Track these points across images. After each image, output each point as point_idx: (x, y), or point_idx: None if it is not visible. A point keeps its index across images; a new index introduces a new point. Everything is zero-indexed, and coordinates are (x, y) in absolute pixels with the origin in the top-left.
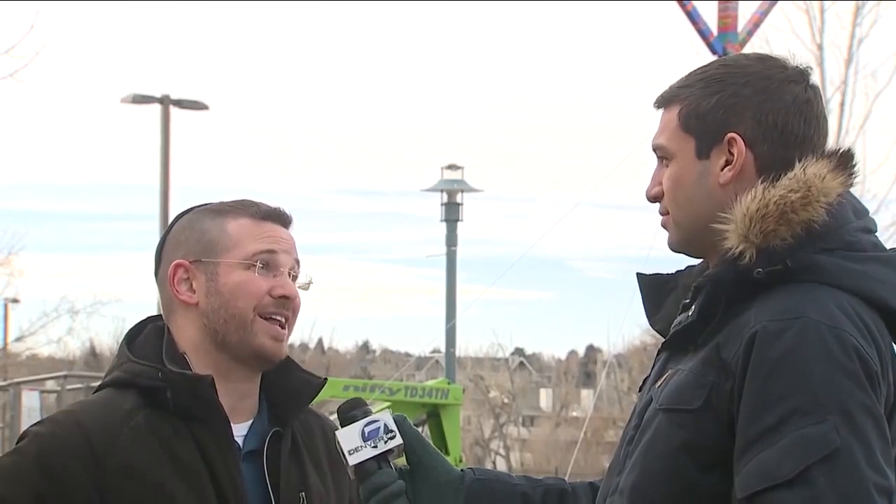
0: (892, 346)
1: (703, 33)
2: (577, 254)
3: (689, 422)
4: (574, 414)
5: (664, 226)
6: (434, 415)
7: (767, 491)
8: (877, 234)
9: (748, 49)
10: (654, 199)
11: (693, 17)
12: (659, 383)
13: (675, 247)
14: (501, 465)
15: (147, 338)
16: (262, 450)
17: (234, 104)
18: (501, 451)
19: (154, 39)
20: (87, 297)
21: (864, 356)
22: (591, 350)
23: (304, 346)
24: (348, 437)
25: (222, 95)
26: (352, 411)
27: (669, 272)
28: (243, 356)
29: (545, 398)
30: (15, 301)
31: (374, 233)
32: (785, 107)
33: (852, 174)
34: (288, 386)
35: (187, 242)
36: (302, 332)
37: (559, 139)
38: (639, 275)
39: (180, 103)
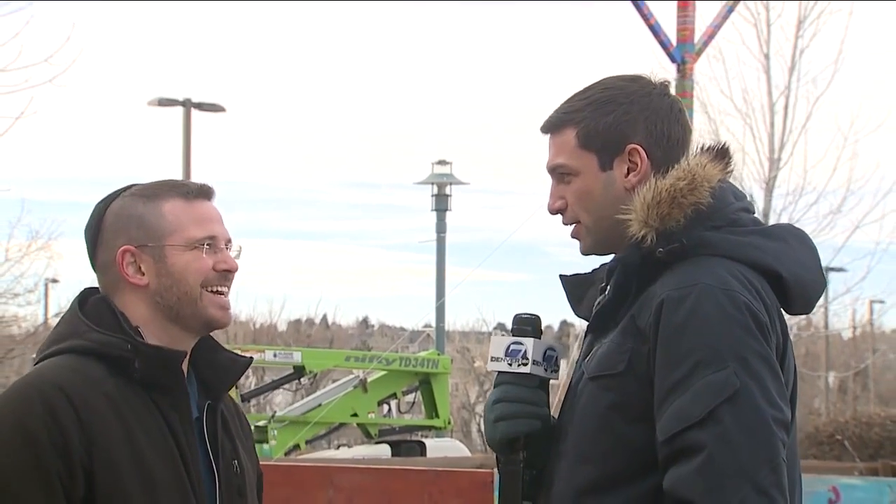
0: (777, 303)
1: (664, 44)
2: (550, 240)
3: (614, 384)
4: (551, 381)
5: (576, 235)
6: (426, 382)
7: (683, 431)
8: (754, 213)
9: (705, 57)
10: (557, 212)
11: (655, 30)
12: (587, 358)
13: (590, 250)
14: None
15: (99, 309)
16: (199, 419)
17: (246, 106)
18: None
19: (177, 47)
20: None
21: (754, 310)
22: (565, 325)
23: (310, 322)
24: (496, 345)
25: (237, 98)
26: (521, 325)
27: (586, 272)
28: (195, 326)
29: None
30: (54, 281)
31: (372, 221)
32: (666, 116)
33: (729, 164)
34: (217, 362)
35: (127, 229)
36: (308, 309)
37: (537, 137)
38: (561, 276)
39: (200, 106)
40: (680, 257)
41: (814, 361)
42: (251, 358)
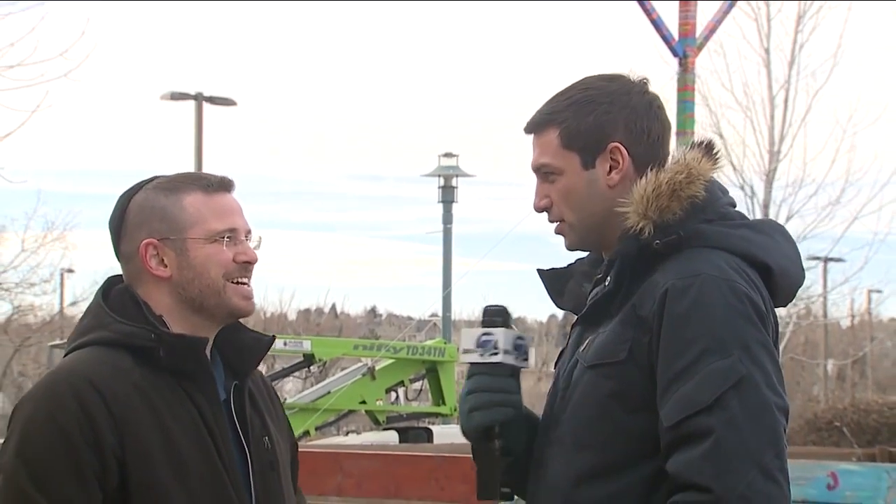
0: (768, 294)
1: (667, 38)
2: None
3: (614, 373)
4: (553, 369)
5: (560, 232)
6: (432, 370)
7: (690, 417)
8: (736, 207)
9: (706, 51)
10: (542, 210)
11: (657, 25)
12: (582, 348)
13: (575, 246)
14: None
15: (122, 300)
16: (227, 400)
17: (257, 100)
18: None
19: (188, 42)
20: None
21: (754, 300)
22: (568, 314)
23: (319, 311)
24: (467, 337)
25: (248, 92)
26: (491, 317)
27: (563, 266)
28: (220, 316)
29: (529, 356)
30: (70, 271)
31: (381, 212)
32: (645, 114)
33: (718, 159)
34: (241, 343)
35: (149, 222)
36: (317, 299)
37: None
38: (539, 270)
39: (212, 100)
40: (676, 249)
41: (813, 349)
42: (274, 336)
